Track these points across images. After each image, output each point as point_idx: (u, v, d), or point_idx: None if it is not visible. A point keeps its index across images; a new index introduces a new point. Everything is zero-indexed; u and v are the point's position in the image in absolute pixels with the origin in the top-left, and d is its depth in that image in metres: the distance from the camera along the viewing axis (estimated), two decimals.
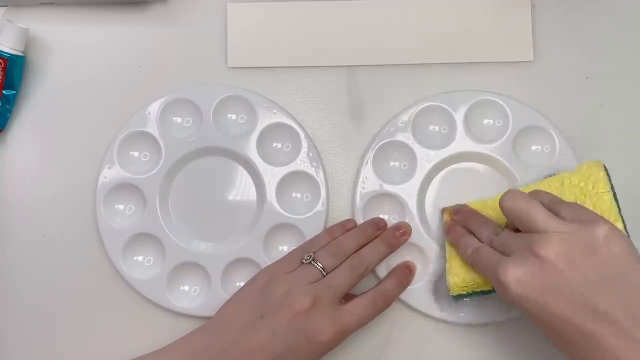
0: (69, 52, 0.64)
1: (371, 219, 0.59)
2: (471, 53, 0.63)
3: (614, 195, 0.55)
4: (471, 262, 0.53)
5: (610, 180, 0.55)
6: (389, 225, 0.59)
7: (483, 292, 0.55)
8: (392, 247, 0.57)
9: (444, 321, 0.60)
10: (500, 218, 0.54)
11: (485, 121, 0.62)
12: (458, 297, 0.56)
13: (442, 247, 0.59)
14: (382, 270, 0.59)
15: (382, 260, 0.57)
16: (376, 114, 0.63)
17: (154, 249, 0.61)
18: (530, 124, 0.61)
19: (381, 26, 0.64)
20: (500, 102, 0.61)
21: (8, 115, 0.62)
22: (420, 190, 0.61)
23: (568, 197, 0.55)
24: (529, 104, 0.62)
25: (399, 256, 0.59)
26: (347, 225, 0.59)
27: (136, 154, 0.62)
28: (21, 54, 0.61)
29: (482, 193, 0.60)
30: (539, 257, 0.46)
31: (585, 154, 0.61)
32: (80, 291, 0.61)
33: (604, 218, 0.48)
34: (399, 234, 0.58)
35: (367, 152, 0.61)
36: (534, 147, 0.62)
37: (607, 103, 0.63)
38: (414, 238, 0.59)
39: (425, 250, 0.60)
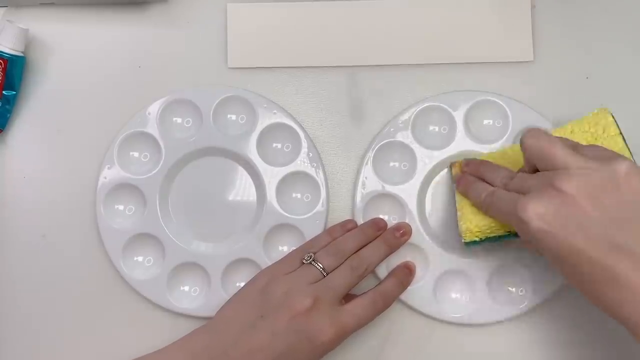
0: (69, 52, 0.64)
1: (371, 220, 0.59)
2: (471, 53, 0.63)
3: (624, 139, 0.55)
4: (486, 206, 0.53)
5: (618, 126, 0.55)
6: (389, 226, 0.59)
7: (496, 238, 0.55)
8: (393, 248, 0.57)
9: (444, 321, 0.60)
10: (513, 168, 0.54)
11: (485, 121, 0.62)
12: (470, 244, 0.56)
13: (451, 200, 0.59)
14: (382, 271, 0.59)
15: (382, 260, 0.57)
16: (376, 114, 0.63)
17: (154, 249, 0.61)
18: (530, 124, 0.61)
19: (381, 26, 0.64)
20: (500, 102, 0.61)
21: (8, 115, 0.62)
22: (420, 191, 0.61)
23: (579, 141, 0.54)
24: (529, 104, 0.62)
25: (399, 257, 0.59)
26: (348, 226, 0.59)
27: (136, 154, 0.62)
28: (21, 55, 0.61)
29: None
30: (560, 191, 0.45)
31: None
32: (81, 291, 0.61)
33: (624, 156, 0.47)
34: (400, 235, 0.58)
35: (367, 153, 0.61)
36: None
37: (607, 103, 0.63)
38: (414, 238, 0.59)
39: (425, 250, 0.60)
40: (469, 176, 0.57)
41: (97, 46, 0.64)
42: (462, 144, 0.61)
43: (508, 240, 0.55)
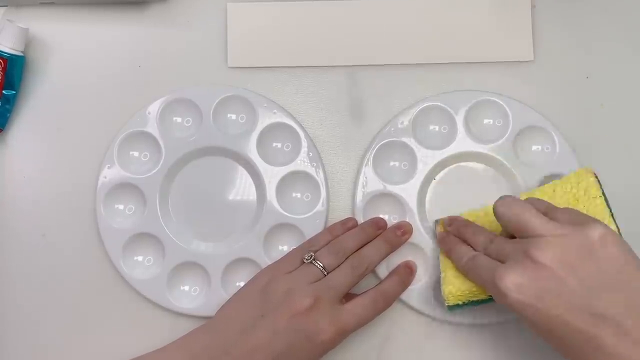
0: (69, 52, 0.64)
1: (371, 219, 0.59)
2: (471, 53, 0.63)
3: (606, 200, 0.55)
4: (466, 271, 0.53)
5: (601, 186, 0.55)
6: (389, 225, 0.59)
7: (479, 302, 0.55)
8: (393, 247, 0.57)
9: (444, 321, 0.60)
10: (495, 227, 0.54)
11: (486, 121, 0.62)
12: (453, 308, 0.55)
13: (437, 258, 0.59)
14: (383, 270, 0.59)
15: (382, 259, 0.57)
16: (376, 114, 0.63)
17: (154, 249, 0.61)
18: (530, 124, 0.61)
19: (381, 26, 0.64)
20: (500, 102, 0.61)
21: (8, 115, 0.62)
22: (421, 190, 0.61)
23: (560, 204, 0.54)
24: (529, 104, 0.62)
25: (399, 256, 0.59)
26: (348, 224, 0.59)
27: (136, 154, 0.62)
28: (21, 54, 0.61)
29: (482, 193, 0.60)
30: (535, 262, 0.46)
31: (585, 154, 0.61)
32: (80, 291, 0.61)
33: (598, 220, 0.48)
34: (400, 234, 0.58)
35: (367, 152, 0.61)
36: (534, 147, 0.62)
37: (607, 103, 0.63)
38: (414, 238, 0.59)
39: (425, 250, 0.60)
40: (452, 237, 0.56)
41: (97, 46, 0.64)
42: (462, 144, 0.61)
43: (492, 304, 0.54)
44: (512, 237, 0.50)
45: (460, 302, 0.55)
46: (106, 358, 0.60)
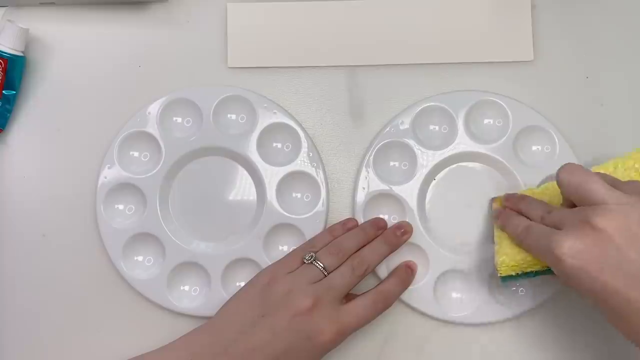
0: (69, 52, 0.64)
1: (372, 219, 0.59)
2: (471, 53, 0.63)
3: None
4: (521, 240, 0.52)
5: None
6: (389, 226, 0.59)
7: (533, 274, 0.54)
8: (393, 247, 0.57)
9: (444, 321, 0.60)
10: (554, 204, 0.53)
11: (486, 121, 0.62)
12: (506, 279, 0.54)
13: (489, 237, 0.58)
14: (383, 271, 0.59)
15: (383, 259, 0.57)
16: (376, 114, 0.63)
17: (154, 249, 0.61)
18: (530, 124, 0.61)
19: (381, 26, 0.64)
20: (500, 102, 0.61)
21: (8, 115, 0.62)
22: (421, 190, 0.61)
23: (623, 179, 0.52)
24: (529, 104, 0.62)
25: (400, 256, 0.59)
26: (348, 225, 0.59)
27: (136, 154, 0.62)
28: (21, 54, 0.61)
29: (482, 193, 0.60)
30: (596, 228, 0.44)
31: (585, 154, 0.61)
32: (80, 291, 0.61)
33: None
34: (400, 234, 0.58)
35: (367, 152, 0.61)
36: (534, 147, 0.62)
37: (607, 103, 0.63)
38: (414, 238, 0.59)
39: (425, 250, 0.60)
40: (508, 211, 0.56)
41: (97, 46, 0.64)
42: (462, 144, 0.61)
43: (545, 276, 0.53)
44: (573, 207, 0.49)
45: (513, 273, 0.54)
46: (106, 358, 0.60)
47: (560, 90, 0.63)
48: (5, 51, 0.59)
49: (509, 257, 0.53)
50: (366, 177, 0.61)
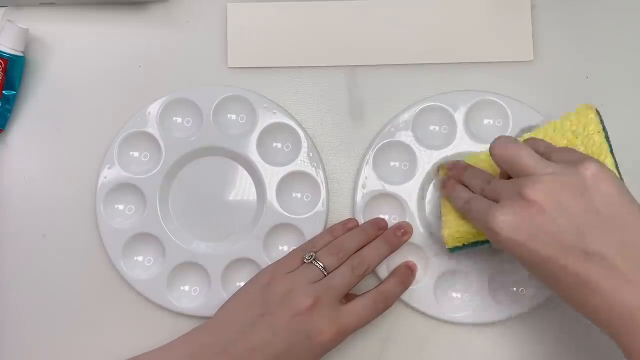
0: (69, 52, 0.64)
1: (372, 219, 0.59)
2: (471, 53, 0.63)
3: (606, 137, 0.54)
4: (463, 212, 0.53)
5: (602, 122, 0.54)
6: (389, 226, 0.59)
7: (478, 243, 0.55)
8: (393, 247, 0.57)
9: (444, 321, 0.60)
10: (496, 170, 0.54)
11: (485, 121, 0.62)
12: (454, 250, 0.56)
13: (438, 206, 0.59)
14: (383, 271, 0.59)
15: (383, 260, 0.57)
16: (376, 114, 0.63)
17: (154, 249, 0.61)
18: (530, 124, 0.61)
19: (381, 26, 0.64)
20: (500, 102, 0.61)
21: (8, 115, 0.62)
22: (421, 191, 0.61)
23: (560, 142, 0.54)
24: (529, 104, 0.62)
25: (399, 256, 0.59)
26: (349, 225, 0.59)
27: (136, 154, 0.62)
28: (21, 54, 0.61)
29: None
30: (526, 199, 0.45)
31: None
32: (80, 291, 0.61)
33: (593, 158, 0.47)
34: (400, 234, 0.58)
35: (367, 152, 0.61)
36: None
37: (607, 103, 0.63)
38: (414, 238, 0.59)
39: (425, 250, 0.60)
40: (452, 181, 0.57)
41: (97, 46, 0.64)
42: (462, 144, 0.61)
43: (490, 246, 0.55)
44: (510, 178, 0.50)
45: (459, 244, 0.55)
46: (106, 358, 0.60)
47: (560, 90, 0.63)
48: (5, 51, 0.59)
49: (454, 229, 0.55)
50: (366, 177, 0.61)
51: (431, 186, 0.62)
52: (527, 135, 0.55)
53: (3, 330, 0.61)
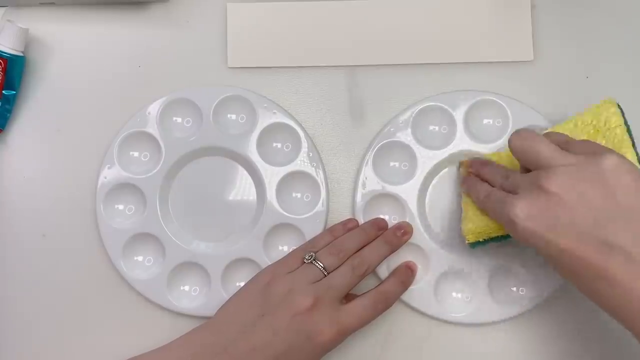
0: (69, 52, 0.64)
1: (372, 220, 0.59)
2: (471, 53, 0.63)
3: (628, 130, 0.54)
4: (483, 207, 0.53)
5: (624, 116, 0.55)
6: (389, 226, 0.59)
7: (498, 238, 0.55)
8: (394, 247, 0.57)
9: (444, 321, 0.60)
10: (516, 166, 0.54)
11: (485, 121, 0.62)
12: (475, 245, 0.56)
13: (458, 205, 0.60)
14: (383, 271, 0.59)
15: (383, 260, 0.57)
16: (376, 114, 0.63)
17: (154, 249, 0.61)
18: (530, 124, 0.61)
19: (381, 26, 0.64)
20: (500, 102, 0.61)
21: (8, 115, 0.62)
22: (421, 191, 0.61)
23: (580, 136, 0.54)
24: (529, 103, 0.62)
25: (399, 257, 0.59)
26: (349, 225, 0.59)
27: (136, 154, 0.62)
28: (21, 54, 0.61)
29: None
30: (544, 190, 0.46)
31: None
32: (80, 291, 0.61)
33: (613, 150, 0.47)
34: (401, 234, 0.58)
35: (367, 152, 0.61)
36: None
37: None
38: (414, 238, 0.59)
39: (425, 250, 0.60)
40: (472, 177, 0.57)
41: (97, 46, 0.64)
42: (462, 144, 0.61)
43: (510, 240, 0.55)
44: (529, 171, 0.50)
45: (480, 240, 0.55)
46: (106, 358, 0.60)
47: (560, 90, 0.63)
48: (5, 51, 0.59)
49: (474, 224, 0.55)
50: (366, 177, 0.61)
51: (431, 187, 0.62)
52: (546, 131, 0.55)
53: (3, 330, 0.61)
